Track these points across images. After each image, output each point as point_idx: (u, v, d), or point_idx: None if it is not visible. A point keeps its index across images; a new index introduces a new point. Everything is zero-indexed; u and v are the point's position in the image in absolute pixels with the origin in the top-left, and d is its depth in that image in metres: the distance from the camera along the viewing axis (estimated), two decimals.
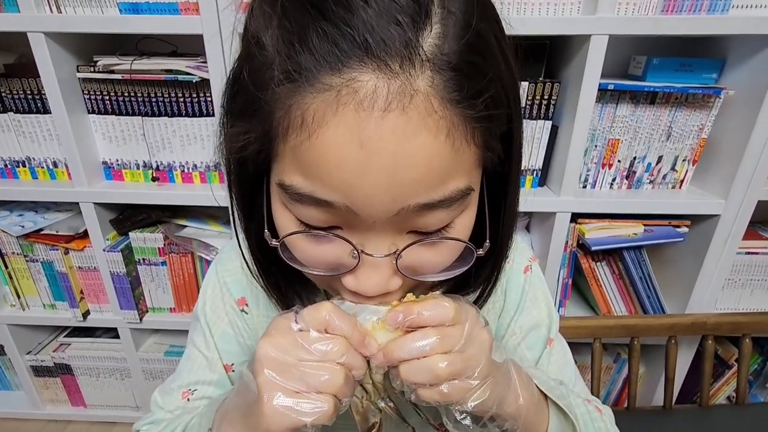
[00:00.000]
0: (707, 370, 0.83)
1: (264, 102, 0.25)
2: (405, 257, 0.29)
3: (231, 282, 0.43)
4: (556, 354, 0.46)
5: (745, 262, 0.99)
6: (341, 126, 0.23)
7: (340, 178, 0.25)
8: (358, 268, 0.29)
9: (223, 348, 0.43)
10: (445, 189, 0.26)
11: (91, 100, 0.94)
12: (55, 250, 1.03)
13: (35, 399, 1.25)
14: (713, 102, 0.87)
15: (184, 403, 0.41)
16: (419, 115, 0.23)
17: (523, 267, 0.46)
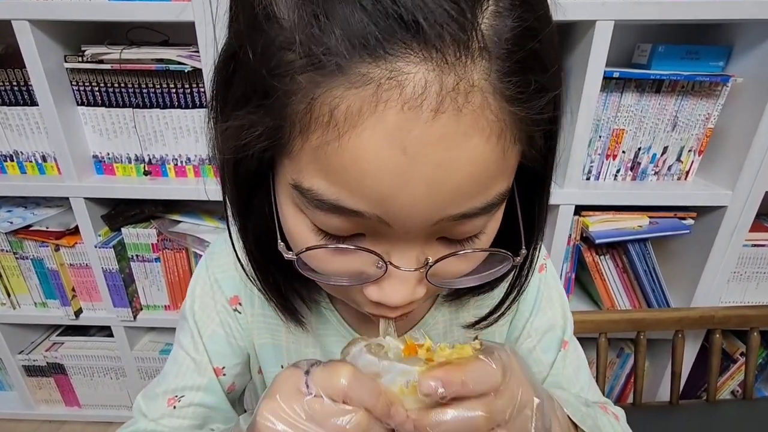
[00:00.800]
0: (714, 365, 0.81)
1: (277, 91, 0.21)
2: (433, 268, 0.26)
3: (223, 279, 0.40)
4: (571, 356, 0.44)
5: (752, 255, 0.97)
6: (380, 128, 0.19)
7: (375, 188, 0.21)
8: (384, 279, 0.26)
9: (213, 350, 0.40)
10: (488, 196, 0.23)
11: (79, 91, 0.91)
12: (45, 247, 1.00)
13: (28, 399, 1.22)
14: (720, 90, 0.85)
15: (170, 411, 0.39)
16: (473, 117, 0.20)
17: (538, 266, 0.44)
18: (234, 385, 0.42)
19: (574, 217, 0.93)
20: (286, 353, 0.41)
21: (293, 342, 0.41)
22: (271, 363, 0.42)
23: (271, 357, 0.41)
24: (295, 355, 0.41)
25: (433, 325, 0.41)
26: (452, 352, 0.26)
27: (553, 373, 0.43)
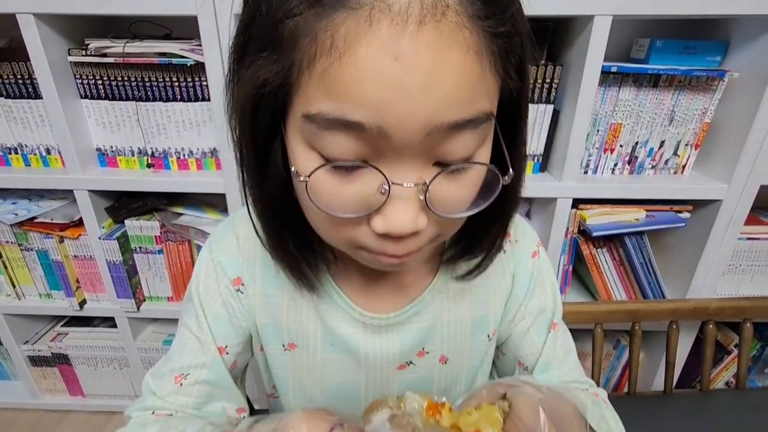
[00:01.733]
0: (708, 355, 0.83)
1: (288, 32, 0.24)
2: (432, 191, 0.27)
3: (226, 261, 0.42)
4: (561, 338, 0.46)
5: (747, 248, 0.98)
6: (375, 42, 0.23)
7: (375, 96, 0.24)
8: (387, 204, 0.27)
9: (216, 330, 0.41)
10: (473, 109, 0.26)
11: (83, 84, 0.92)
12: (49, 239, 1.02)
13: (33, 389, 1.24)
14: (717, 85, 0.86)
15: (177, 388, 0.40)
16: (451, 30, 0.23)
17: (531, 252, 0.46)
18: (236, 363, 0.44)
19: (572, 210, 0.94)
20: (287, 332, 0.42)
21: (294, 321, 0.42)
22: (273, 342, 0.43)
23: (272, 336, 0.43)
24: (295, 334, 0.42)
25: (431, 302, 0.43)
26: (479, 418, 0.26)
27: (545, 354, 0.45)
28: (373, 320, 0.41)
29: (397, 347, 0.42)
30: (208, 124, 0.94)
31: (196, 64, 0.86)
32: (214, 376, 0.41)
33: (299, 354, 0.43)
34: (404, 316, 0.42)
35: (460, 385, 0.47)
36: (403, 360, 0.43)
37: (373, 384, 0.44)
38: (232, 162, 0.98)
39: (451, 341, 0.44)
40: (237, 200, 0.95)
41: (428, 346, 0.43)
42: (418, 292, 0.42)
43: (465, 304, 0.44)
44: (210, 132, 0.95)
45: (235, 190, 0.94)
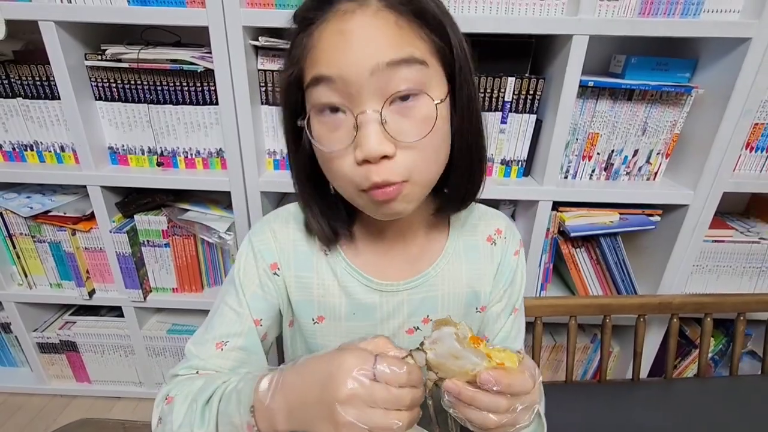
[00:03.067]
0: (672, 346, 0.91)
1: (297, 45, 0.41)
2: (389, 122, 0.38)
3: (264, 250, 0.51)
4: (519, 321, 0.58)
5: (712, 250, 1.06)
6: (329, 28, 0.38)
7: (332, 57, 0.38)
8: (359, 135, 0.38)
9: (253, 305, 0.50)
10: (402, 51, 0.38)
11: (98, 87, 0.98)
12: (62, 231, 1.08)
13: (41, 375, 1.30)
14: (685, 100, 0.94)
15: (218, 353, 0.48)
16: (373, 12, 0.38)
17: (515, 251, 0.57)
18: (267, 335, 0.53)
19: (553, 212, 1.02)
20: (317, 306, 0.52)
21: (322, 296, 0.51)
22: (304, 316, 0.52)
23: (304, 311, 0.52)
24: (324, 306, 0.52)
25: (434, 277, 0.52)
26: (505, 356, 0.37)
27: (505, 329, 0.56)
28: (386, 287, 0.51)
29: (405, 311, 0.52)
30: (215, 126, 1.01)
31: (206, 71, 0.93)
32: (249, 343, 0.49)
33: (327, 325, 0.52)
34: (412, 285, 0.51)
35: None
36: (411, 324, 0.53)
37: None
38: (237, 162, 1.06)
39: (449, 310, 0.53)
40: (241, 198, 1.02)
41: (432, 314, 0.53)
42: (424, 268, 0.52)
43: (461, 280, 0.53)
44: (216, 134, 1.01)
45: (239, 188, 1.01)
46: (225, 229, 1.07)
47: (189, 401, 0.43)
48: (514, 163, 1.02)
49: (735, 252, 1.07)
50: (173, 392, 0.45)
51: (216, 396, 0.42)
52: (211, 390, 0.43)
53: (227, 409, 0.39)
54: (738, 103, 0.88)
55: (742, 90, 0.86)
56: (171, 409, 0.43)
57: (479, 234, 0.55)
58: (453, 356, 0.35)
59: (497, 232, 0.56)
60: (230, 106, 0.92)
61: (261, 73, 0.94)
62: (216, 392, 0.42)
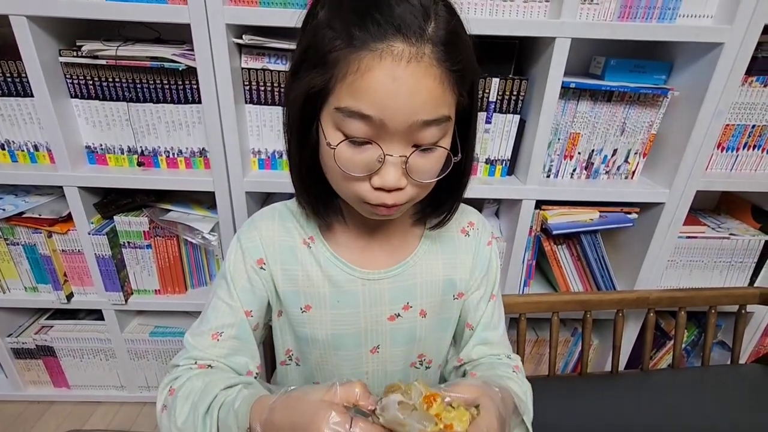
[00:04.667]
0: (648, 339, 0.95)
1: (331, 59, 0.39)
2: (410, 163, 0.42)
3: (251, 247, 0.54)
4: (498, 309, 0.62)
5: (686, 246, 1.11)
6: (383, 69, 0.38)
7: (379, 100, 0.39)
8: (381, 169, 0.42)
9: (243, 298, 0.53)
10: (437, 113, 0.41)
11: (73, 84, 0.94)
12: (38, 233, 1.04)
13: (17, 381, 1.26)
14: (662, 101, 0.97)
15: (214, 343, 0.52)
16: (426, 67, 0.39)
17: (487, 242, 0.61)
18: (258, 325, 0.56)
19: (535, 210, 1.04)
20: (303, 296, 0.55)
21: (308, 286, 0.54)
22: (292, 306, 0.55)
23: (292, 300, 0.55)
24: (310, 296, 0.55)
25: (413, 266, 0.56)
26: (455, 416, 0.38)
27: (485, 316, 0.59)
28: (368, 275, 0.54)
29: (387, 298, 0.55)
30: (197, 125, 0.99)
31: (187, 68, 0.91)
32: (241, 333, 0.53)
33: (314, 313, 0.55)
34: (392, 273, 0.55)
35: (435, 336, 0.60)
36: (392, 312, 0.56)
37: (371, 333, 0.56)
38: (222, 162, 1.04)
39: (427, 297, 0.57)
40: (226, 198, 1.00)
41: (411, 301, 0.56)
42: (404, 258, 0.56)
43: (438, 270, 0.57)
44: (199, 133, 1.00)
45: (223, 189, 0.99)
46: (209, 229, 1.05)
47: (191, 404, 0.46)
48: (498, 163, 1.03)
49: (707, 247, 1.12)
50: (176, 384, 0.49)
51: (216, 404, 0.45)
52: (212, 396, 0.46)
53: (227, 422, 0.43)
54: (711, 104, 0.91)
55: (714, 92, 0.90)
56: (174, 403, 0.47)
57: (454, 227, 0.59)
58: (399, 423, 0.36)
59: (470, 224, 0.60)
60: (213, 105, 0.91)
61: (245, 71, 0.93)
62: (216, 400, 0.45)
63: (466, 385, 0.42)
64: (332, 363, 0.57)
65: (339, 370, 0.58)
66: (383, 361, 0.58)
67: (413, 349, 0.59)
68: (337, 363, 0.57)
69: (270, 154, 1.02)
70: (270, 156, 1.02)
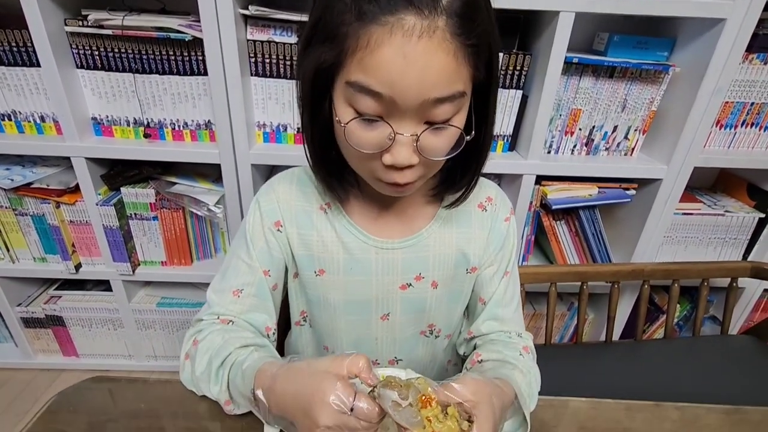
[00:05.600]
0: (642, 310, 0.98)
1: (342, 33, 0.38)
2: (421, 141, 0.41)
3: (269, 210, 0.55)
4: (512, 286, 0.61)
5: (682, 222, 1.14)
6: (393, 45, 0.36)
7: (389, 77, 0.38)
8: (392, 147, 0.42)
9: (261, 258, 0.55)
10: (450, 89, 0.39)
11: (79, 54, 0.95)
12: (46, 204, 1.06)
13: (27, 349, 1.29)
14: (663, 78, 0.98)
15: (235, 299, 0.54)
16: (438, 41, 0.37)
17: (505, 217, 0.60)
18: (276, 285, 0.58)
19: (535, 186, 1.06)
20: (317, 260, 0.56)
21: (323, 251, 0.55)
22: (307, 269, 0.57)
23: (306, 264, 0.56)
24: (324, 261, 0.56)
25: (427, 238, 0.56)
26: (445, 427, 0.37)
27: (498, 292, 0.59)
28: (382, 244, 0.55)
29: (399, 267, 0.56)
30: (203, 97, 1.00)
31: (193, 40, 0.91)
32: (260, 291, 0.55)
33: (327, 277, 0.56)
34: (406, 244, 0.55)
35: (446, 308, 0.60)
36: (404, 281, 0.57)
37: (382, 300, 0.57)
38: (227, 134, 1.06)
39: (440, 269, 0.57)
40: (231, 170, 1.02)
41: (423, 272, 0.57)
42: (417, 230, 0.56)
43: (452, 243, 0.57)
44: (205, 105, 1.00)
45: (229, 161, 1.01)
46: (214, 202, 1.07)
47: (208, 357, 0.49)
48: (500, 138, 1.05)
49: (702, 224, 1.14)
50: (199, 336, 0.51)
51: (229, 361, 0.48)
52: (227, 353, 0.48)
53: (235, 381, 0.46)
54: (711, 81, 0.92)
55: (715, 69, 0.91)
56: (196, 354, 0.50)
57: (471, 202, 0.58)
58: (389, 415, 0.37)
59: (488, 199, 0.59)
60: (220, 76, 0.91)
61: (250, 43, 0.93)
62: (229, 358, 0.48)
63: (470, 382, 0.41)
64: (343, 328, 0.59)
65: (349, 335, 0.60)
66: (392, 329, 0.60)
67: (423, 318, 0.60)
68: (347, 328, 0.59)
69: (275, 128, 1.03)
70: (275, 129, 1.03)
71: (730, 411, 0.53)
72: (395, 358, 0.62)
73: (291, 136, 1.04)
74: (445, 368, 0.68)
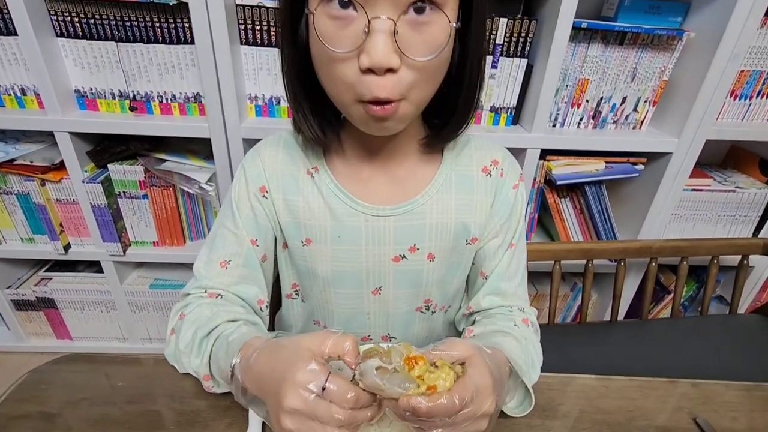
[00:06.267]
0: (649, 289, 0.95)
1: None
2: (401, 35, 0.37)
3: (254, 175, 0.52)
4: (516, 258, 0.56)
5: (691, 198, 1.10)
6: None
7: None
8: (368, 40, 0.36)
9: (247, 227, 0.52)
10: None
11: (59, 21, 0.89)
12: (30, 181, 1.02)
13: (19, 332, 1.27)
14: (676, 44, 0.93)
15: (222, 271, 0.51)
16: None
17: (513, 184, 0.55)
18: (266, 257, 0.55)
19: (540, 161, 1.01)
20: (304, 229, 0.52)
21: (309, 219, 0.52)
22: (294, 238, 0.53)
23: (293, 232, 0.53)
24: (311, 229, 0.52)
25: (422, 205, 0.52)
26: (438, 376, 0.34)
27: (501, 266, 0.55)
28: (372, 210, 0.51)
29: (392, 238, 0.52)
30: (191, 68, 0.95)
31: (179, 4, 0.86)
32: (249, 262, 0.52)
33: (314, 247, 0.53)
34: (399, 211, 0.51)
35: (444, 281, 0.56)
36: (397, 252, 0.52)
37: (373, 273, 0.53)
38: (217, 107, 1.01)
39: (436, 240, 0.52)
40: (222, 145, 0.97)
41: (419, 243, 0.52)
42: (412, 196, 0.51)
43: (451, 211, 0.52)
44: (193, 76, 0.96)
45: (220, 135, 0.96)
46: (206, 179, 1.03)
47: (194, 329, 0.46)
48: (503, 111, 1.00)
49: (712, 201, 1.10)
50: (186, 311, 0.49)
51: (215, 333, 0.45)
52: (214, 325, 0.46)
53: (218, 354, 0.43)
54: (727, 47, 0.87)
55: (732, 33, 0.86)
56: (181, 326, 0.47)
57: (474, 165, 0.54)
58: (377, 388, 0.33)
59: (493, 163, 0.54)
60: (207, 45, 0.86)
61: (239, 8, 0.88)
62: (216, 330, 0.46)
63: (457, 343, 0.38)
64: (333, 301, 0.56)
65: (340, 308, 0.56)
66: (385, 304, 0.56)
67: (419, 293, 0.56)
68: (338, 302, 0.55)
69: (267, 100, 0.98)
70: (267, 102, 0.98)
71: (750, 387, 0.50)
72: (388, 334, 0.59)
73: (284, 110, 0.99)
74: None
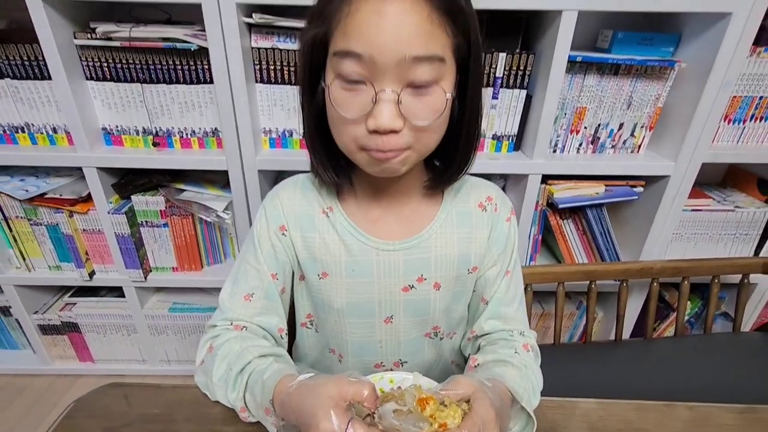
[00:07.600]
0: (652, 308, 0.97)
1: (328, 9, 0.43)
2: (404, 103, 0.43)
3: (274, 215, 0.58)
4: (513, 284, 0.62)
5: (691, 218, 1.12)
6: (368, 6, 0.40)
7: (367, 36, 0.40)
8: (375, 108, 0.43)
9: (268, 262, 0.57)
10: (428, 49, 0.41)
11: (89, 66, 0.97)
12: (60, 213, 1.08)
13: (44, 356, 1.32)
14: (669, 74, 0.98)
15: (246, 304, 0.56)
16: (411, 3, 0.40)
17: (506, 217, 0.61)
18: (284, 289, 0.59)
19: (542, 185, 1.06)
20: (320, 263, 0.57)
21: (325, 254, 0.57)
22: (311, 272, 0.58)
23: (310, 267, 0.58)
24: (327, 264, 0.57)
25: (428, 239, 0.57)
26: (447, 415, 0.39)
27: (500, 292, 0.60)
28: (382, 245, 0.56)
29: (401, 269, 0.57)
30: (209, 105, 1.01)
31: (199, 49, 0.92)
32: (269, 294, 0.57)
33: (330, 280, 0.57)
34: (406, 246, 0.56)
35: (450, 309, 0.61)
36: (407, 282, 0.57)
37: (385, 303, 0.58)
38: (234, 141, 1.07)
39: (441, 270, 0.58)
40: (239, 176, 1.03)
41: (425, 273, 0.57)
42: (418, 231, 0.57)
43: (453, 244, 0.58)
44: (212, 113, 1.02)
45: (236, 167, 1.02)
46: (223, 208, 1.09)
47: (227, 364, 0.50)
48: (505, 138, 1.05)
49: (712, 220, 1.13)
50: (215, 342, 0.53)
51: (248, 369, 0.49)
52: (246, 361, 0.50)
53: (254, 389, 0.47)
54: (718, 75, 0.92)
55: (722, 63, 0.90)
56: (213, 360, 0.51)
57: (471, 202, 0.59)
58: (395, 429, 0.38)
59: (488, 199, 0.60)
60: (225, 84, 0.93)
61: (255, 51, 0.94)
62: (249, 366, 0.50)
63: (461, 382, 0.43)
64: (347, 331, 0.60)
65: (353, 337, 0.60)
66: (396, 331, 0.60)
67: (427, 320, 0.60)
68: (352, 331, 0.60)
69: (281, 133, 1.04)
70: (281, 135, 1.04)
71: (744, 410, 0.53)
72: (400, 360, 0.63)
73: (297, 142, 1.05)
74: (450, 369, 0.68)
